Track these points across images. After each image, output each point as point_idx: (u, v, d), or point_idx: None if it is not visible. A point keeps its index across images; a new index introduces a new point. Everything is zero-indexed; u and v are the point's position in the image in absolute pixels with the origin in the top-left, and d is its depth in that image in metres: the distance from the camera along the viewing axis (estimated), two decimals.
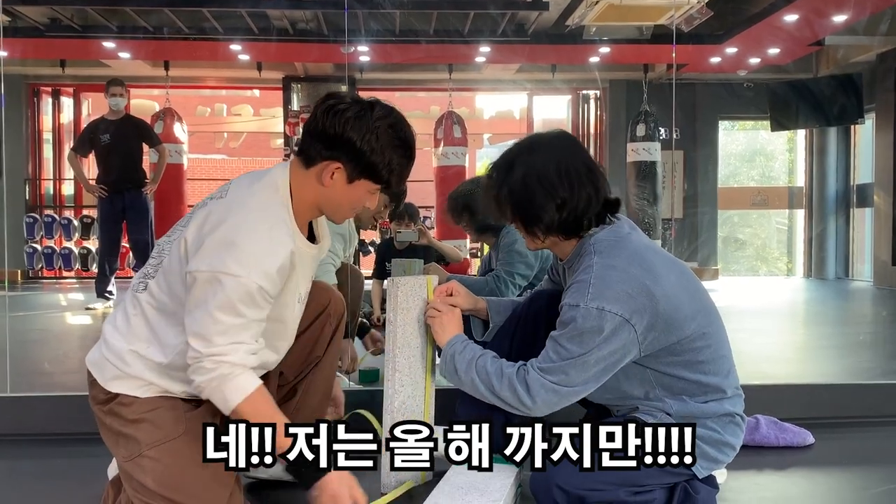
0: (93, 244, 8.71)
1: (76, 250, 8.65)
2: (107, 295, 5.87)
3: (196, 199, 4.30)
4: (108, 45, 7.37)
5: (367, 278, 7.34)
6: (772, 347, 4.59)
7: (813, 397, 2.62)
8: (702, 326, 1.67)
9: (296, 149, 1.73)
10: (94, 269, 8.60)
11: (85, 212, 9.04)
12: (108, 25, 6.87)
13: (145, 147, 6.00)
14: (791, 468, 2.17)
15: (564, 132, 1.83)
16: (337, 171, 1.59)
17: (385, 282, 4.83)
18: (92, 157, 5.95)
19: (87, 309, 5.88)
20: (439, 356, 1.84)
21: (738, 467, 1.96)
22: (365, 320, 4.90)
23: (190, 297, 1.55)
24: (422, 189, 10.51)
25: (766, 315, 6.48)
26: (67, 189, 9.42)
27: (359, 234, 3.94)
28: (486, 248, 4.53)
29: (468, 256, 7.36)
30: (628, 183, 8.32)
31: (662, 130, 8.20)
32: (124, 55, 7.85)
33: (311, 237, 1.75)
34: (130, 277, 7.36)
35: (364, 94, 1.64)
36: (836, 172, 9.54)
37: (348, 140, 1.57)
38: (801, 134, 10.01)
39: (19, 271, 8.32)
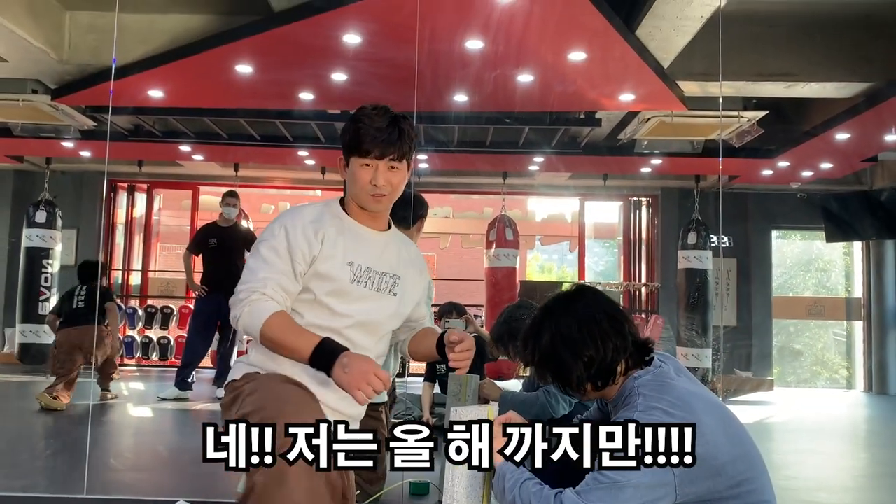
0: (154, 333, 9.03)
1: (139, 339, 8.98)
2: (188, 386, 6.21)
3: None
4: (184, 148, 7.87)
5: (416, 375, 7.39)
6: (828, 472, 4.46)
7: None
8: (741, 472, 1.69)
9: None
10: (155, 356, 8.94)
11: (150, 302, 9.43)
12: (185, 132, 7.36)
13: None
14: None
15: (582, 286, 1.92)
16: (340, 161, 1.97)
17: (437, 389, 4.90)
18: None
19: (161, 399, 6.12)
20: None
21: None
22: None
23: None
24: (473, 287, 10.66)
25: (823, 434, 6.27)
26: (135, 279, 9.86)
27: None
28: None
29: None
30: (678, 292, 8.33)
31: (714, 238, 8.25)
32: (198, 157, 8.36)
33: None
34: (207, 367, 7.58)
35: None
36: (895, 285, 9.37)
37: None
38: (857, 244, 9.91)
39: None
